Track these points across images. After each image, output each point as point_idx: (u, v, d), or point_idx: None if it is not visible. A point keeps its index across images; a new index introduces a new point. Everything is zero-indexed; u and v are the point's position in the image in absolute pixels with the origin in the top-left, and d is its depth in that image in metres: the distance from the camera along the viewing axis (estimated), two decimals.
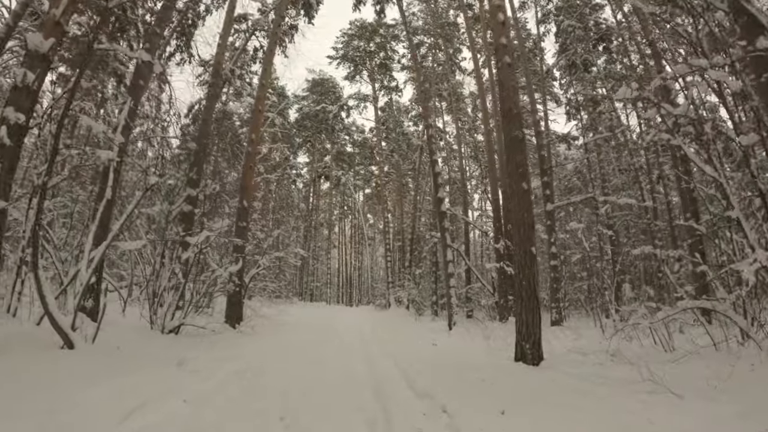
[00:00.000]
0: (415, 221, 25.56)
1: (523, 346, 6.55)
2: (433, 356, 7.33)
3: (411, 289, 21.54)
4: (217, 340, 8.49)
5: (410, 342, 9.92)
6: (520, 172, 7.09)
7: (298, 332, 11.26)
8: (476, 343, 9.74)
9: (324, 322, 15.57)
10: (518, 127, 7.41)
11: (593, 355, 7.23)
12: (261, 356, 7.10)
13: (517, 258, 6.75)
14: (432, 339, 10.60)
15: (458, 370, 6.03)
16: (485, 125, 17.61)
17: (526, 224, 6.83)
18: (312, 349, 8.37)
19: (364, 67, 28.26)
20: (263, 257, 12.28)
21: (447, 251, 13.85)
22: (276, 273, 24.80)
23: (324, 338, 10.35)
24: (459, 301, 13.85)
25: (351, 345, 9.26)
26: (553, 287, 14.29)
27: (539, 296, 6.81)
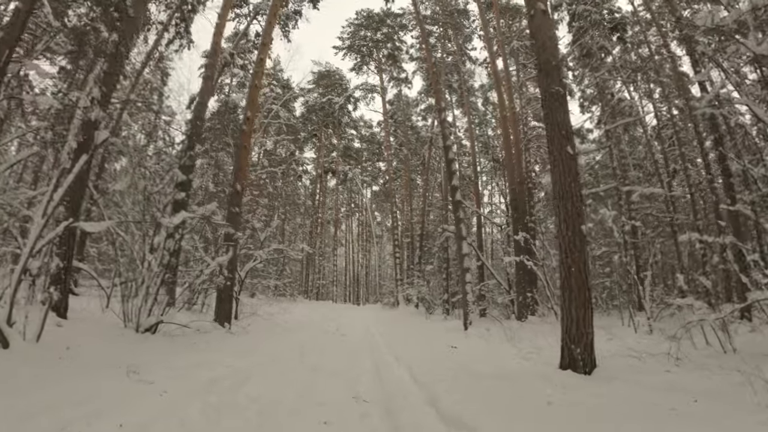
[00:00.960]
0: (425, 217, 24.11)
1: (572, 350, 5.10)
2: (455, 363, 5.89)
3: (421, 287, 20.08)
4: (199, 340, 7.11)
5: (424, 344, 8.49)
6: (563, 134, 5.64)
7: (297, 333, 9.87)
8: (500, 345, 8.28)
9: (328, 321, 14.16)
10: (557, 81, 5.98)
11: (651, 359, 5.82)
12: (246, 362, 5.72)
13: (563, 239, 5.30)
14: (448, 340, 9.16)
15: (491, 381, 4.60)
16: (501, 111, 16.16)
17: (573, 196, 5.39)
18: (311, 353, 6.97)
19: (371, 58, 26.86)
20: (261, 250, 10.89)
21: (462, 244, 12.39)
22: (279, 270, 23.47)
23: (326, 340, 8.95)
24: (474, 299, 12.43)
25: (357, 348, 7.85)
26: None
27: (591, 287, 5.35)
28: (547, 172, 25.15)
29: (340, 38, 27.03)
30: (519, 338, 8.76)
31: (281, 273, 23.35)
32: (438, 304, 20.20)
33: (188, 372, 4.74)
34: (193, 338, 7.27)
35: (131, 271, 7.61)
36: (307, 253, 29.17)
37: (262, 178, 30.61)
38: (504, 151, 15.75)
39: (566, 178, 5.45)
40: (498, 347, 8.02)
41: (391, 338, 9.51)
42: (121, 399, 3.62)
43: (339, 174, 31.56)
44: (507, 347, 8.02)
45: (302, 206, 33.31)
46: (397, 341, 8.85)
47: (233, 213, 9.19)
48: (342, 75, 29.58)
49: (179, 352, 5.94)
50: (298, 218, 33.74)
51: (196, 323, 8.06)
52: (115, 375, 4.31)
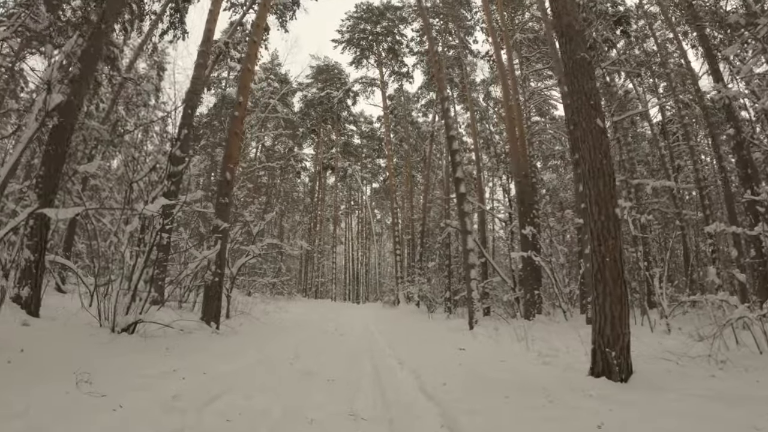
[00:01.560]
0: (426, 213, 23.34)
1: (606, 354, 4.32)
2: (467, 368, 5.11)
3: (422, 285, 19.29)
4: (180, 342, 6.32)
5: (429, 345, 7.71)
6: (591, 105, 4.87)
7: (292, 333, 9.08)
8: (512, 347, 7.51)
9: (326, 320, 13.38)
10: (582, 47, 5.21)
11: (689, 362, 5.10)
12: (229, 368, 4.94)
13: (594, 224, 4.53)
14: (454, 341, 8.39)
15: (515, 393, 3.82)
16: (506, 102, 15.37)
17: (605, 175, 4.61)
18: (305, 356, 6.19)
19: (371, 51, 26.04)
20: (254, 245, 10.10)
21: (468, 239, 11.61)
22: (277, 268, 22.70)
23: (323, 340, 8.16)
24: (479, 297, 11.66)
25: (356, 350, 7.07)
26: (587, 279, 11.97)
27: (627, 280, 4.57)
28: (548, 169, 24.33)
29: (339, 31, 26.26)
30: (531, 339, 7.98)
31: (279, 271, 22.57)
32: (439, 302, 19.43)
33: (155, 382, 3.96)
34: (175, 339, 6.48)
35: (108, 264, 6.85)
36: (305, 250, 28.44)
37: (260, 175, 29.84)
38: (509, 143, 14.97)
39: (596, 154, 4.67)
40: (510, 349, 7.25)
41: (392, 338, 8.73)
42: (57, 416, 2.85)
43: (338, 170, 30.75)
44: (519, 349, 7.25)
45: (301, 203, 32.52)
46: (400, 342, 8.07)
47: (222, 204, 8.40)
48: (341, 69, 28.80)
49: (153, 356, 5.16)
50: (297, 215, 32.96)
51: (180, 322, 7.27)
52: (64, 385, 3.52)
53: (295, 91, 28.89)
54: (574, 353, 6.81)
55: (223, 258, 8.18)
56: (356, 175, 31.60)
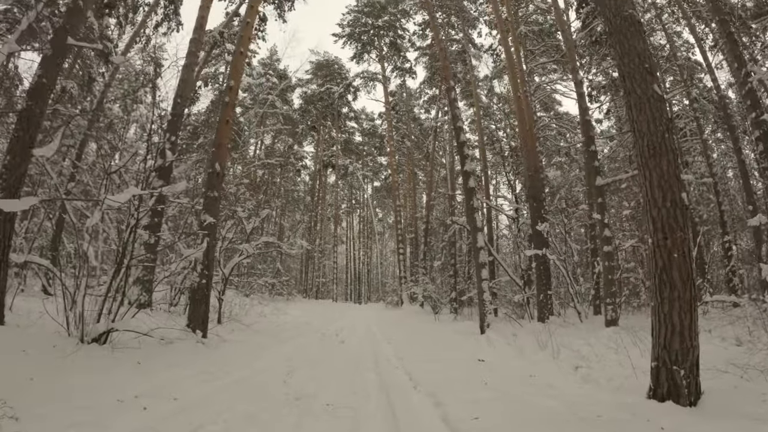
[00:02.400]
0: (430, 211, 22.42)
1: (674, 373, 3.42)
2: (498, 390, 4.18)
3: (426, 285, 18.37)
4: (156, 355, 5.42)
5: (442, 354, 6.79)
6: (646, 68, 3.97)
7: (289, 339, 8.17)
8: (535, 356, 6.60)
9: (326, 323, 12.47)
10: (629, 2, 4.28)
11: (758, 376, 4.22)
12: (205, 390, 4.04)
13: (657, 212, 3.62)
14: (469, 349, 7.49)
15: (570, 430, 2.89)
16: (515, 92, 14.44)
17: (669, 151, 3.71)
18: (300, 371, 5.29)
19: (372, 46, 25.10)
20: (248, 243, 9.18)
21: (477, 236, 10.69)
22: (275, 269, 21.78)
23: (322, 349, 7.25)
24: (490, 298, 10.74)
25: (359, 361, 6.15)
26: (607, 278, 11.05)
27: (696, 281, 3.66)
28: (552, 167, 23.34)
29: (340, 25, 25.31)
30: (555, 346, 7.08)
31: (277, 271, 21.66)
32: (444, 303, 18.52)
33: (104, 415, 3.06)
34: (151, 351, 5.57)
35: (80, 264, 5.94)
36: (305, 249, 27.52)
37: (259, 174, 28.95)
38: (519, 135, 14.05)
39: (657, 126, 3.75)
40: (535, 359, 6.34)
41: (400, 345, 7.82)
42: None
43: (339, 168, 29.80)
44: (545, 359, 6.34)
45: (301, 202, 31.60)
46: (408, 349, 7.16)
47: (211, 198, 7.51)
48: (342, 65, 27.85)
49: (117, 375, 4.26)
50: (297, 215, 32.04)
51: (160, 331, 6.37)
52: None
53: (294, 88, 27.96)
54: (608, 364, 5.91)
55: (211, 257, 7.28)
56: (357, 172, 30.65)
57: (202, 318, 7.09)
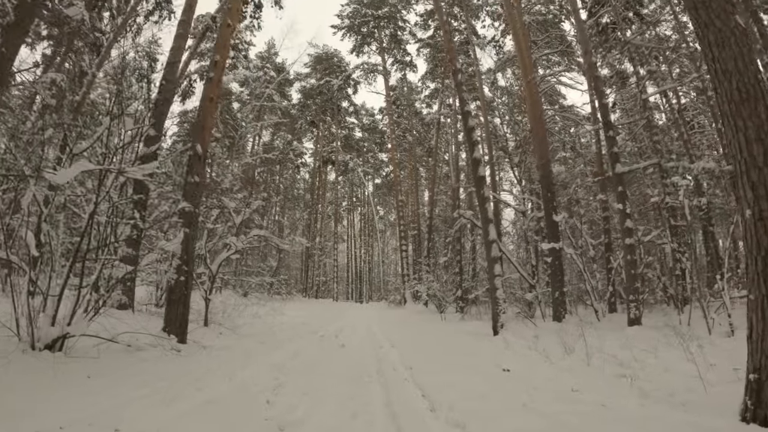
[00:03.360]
0: (433, 206, 21.44)
1: None
2: (544, 414, 3.21)
3: (431, 283, 17.38)
4: (115, 366, 4.45)
5: (458, 361, 5.81)
6: None
7: (282, 344, 7.19)
8: (569, 363, 5.63)
9: (325, 324, 11.49)
10: None
11: None
12: (161, 417, 3.06)
13: (758, 173, 2.63)
14: (487, 354, 6.51)
15: None
16: (525, 77, 13.49)
17: (765, 95, 2.70)
18: (289, 386, 4.33)
19: (372, 38, 24.12)
20: (236, 236, 8.19)
21: (489, 228, 9.72)
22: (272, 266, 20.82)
23: (318, 355, 6.27)
24: (504, 296, 9.74)
25: (361, 371, 5.17)
26: (629, 273, 10.07)
27: None
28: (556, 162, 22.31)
29: (339, 16, 24.31)
30: (584, 349, 6.11)
31: (275, 270, 20.70)
32: (449, 301, 17.54)
33: None
34: (112, 361, 4.61)
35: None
36: (305, 247, 26.53)
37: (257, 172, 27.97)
38: (530, 122, 13.07)
39: (747, 63, 2.78)
40: (565, 366, 5.36)
41: (406, 349, 6.83)
42: None
43: (339, 165, 28.80)
44: (579, 366, 5.37)
45: (301, 200, 30.64)
46: (418, 356, 6.17)
47: (191, 183, 6.54)
48: (341, 58, 26.86)
49: (54, 394, 3.30)
50: (297, 212, 31.09)
51: (130, 336, 5.41)
52: None
53: (293, 82, 26.99)
54: (653, 371, 4.98)
55: (190, 250, 6.31)
56: (358, 168, 29.65)
57: (179, 320, 6.12)
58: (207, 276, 8.30)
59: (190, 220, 6.46)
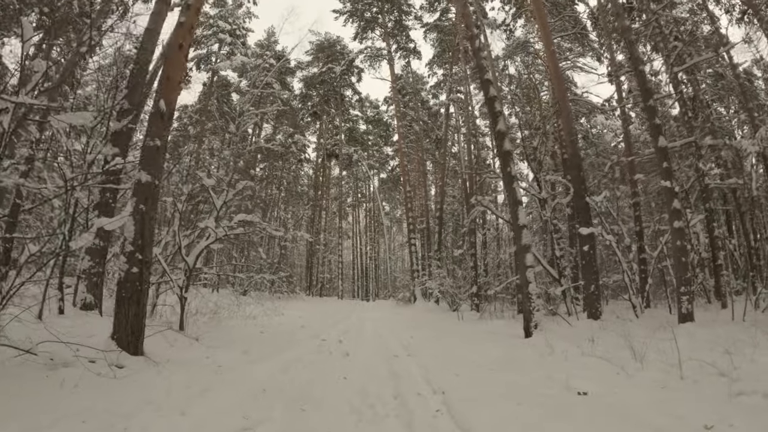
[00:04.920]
0: (444, 197, 19.82)
1: None
2: None
3: (443, 279, 15.75)
4: (19, 393, 2.85)
5: (502, 378, 4.21)
6: None
7: (272, 353, 5.60)
8: (643, 374, 4.04)
9: (328, 326, 9.89)
10: None
11: None
12: None
13: None
14: (531, 364, 4.91)
15: None
16: (548, 48, 11.83)
17: None
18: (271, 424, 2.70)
19: (376, 23, 22.50)
20: (216, 222, 6.58)
21: (519, 211, 8.10)
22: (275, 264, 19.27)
23: (315, 371, 4.68)
24: (538, 291, 8.03)
25: (373, 399, 3.60)
26: (680, 261, 8.40)
27: None
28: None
29: (341, 0, 22.64)
30: (662, 356, 4.52)
31: (278, 267, 19.14)
32: (463, 298, 15.90)
33: None
34: (15, 383, 3.04)
35: None
36: (308, 243, 24.97)
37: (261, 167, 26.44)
38: (554, 96, 11.41)
39: None
40: (656, 381, 3.77)
41: (429, 360, 5.22)
42: None
43: (343, 158, 27.17)
44: (673, 380, 3.76)
45: (305, 196, 29.08)
46: (446, 370, 4.56)
47: (150, 148, 4.99)
48: (344, 45, 25.22)
49: None
50: (301, 210, 29.58)
51: (58, 346, 3.84)
52: None
53: (294, 71, 25.40)
54: None
55: (147, 234, 4.74)
56: (362, 161, 28.00)
57: (131, 326, 4.55)
58: (183, 270, 6.74)
59: (148, 195, 4.89)
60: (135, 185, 4.92)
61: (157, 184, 5.10)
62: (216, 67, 19.98)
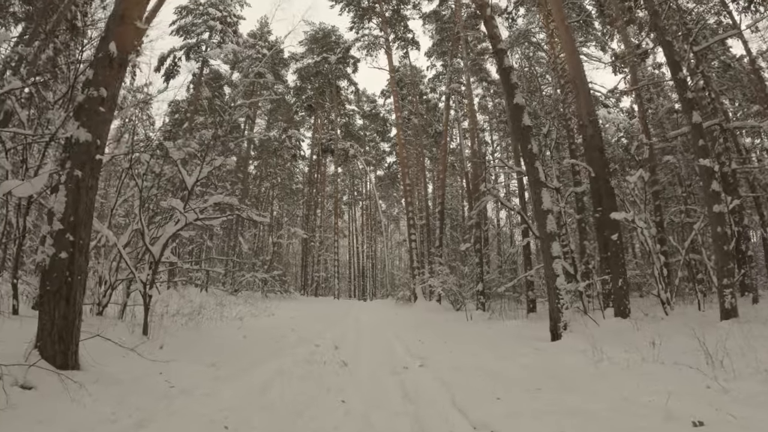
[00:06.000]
0: (444, 190, 18.64)
1: None
2: None
3: (447, 276, 14.55)
4: None
5: (568, 407, 3.01)
6: None
7: (242, 372, 4.32)
8: (747, 384, 2.81)
9: (322, 329, 8.63)
10: None
11: None
12: None
13: None
14: (582, 378, 3.72)
15: None
16: (558, 13, 10.67)
17: None
18: None
19: (373, 12, 21.31)
20: (186, 203, 5.32)
21: (543, 193, 6.91)
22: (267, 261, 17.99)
23: (301, 395, 3.41)
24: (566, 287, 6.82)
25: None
26: (721, 250, 7.25)
27: None
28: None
29: None
30: (744, 363, 3.34)
31: (270, 265, 17.86)
32: (467, 297, 14.70)
33: None
34: None
35: None
36: (302, 240, 23.70)
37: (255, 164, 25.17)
38: (571, 73, 10.21)
39: None
40: None
41: (449, 374, 4.00)
42: None
43: (339, 153, 25.90)
44: None
45: (300, 194, 27.80)
46: (479, 391, 3.34)
47: (92, 99, 3.80)
48: (339, 35, 23.95)
49: None
50: (297, 209, 28.33)
51: None
52: None
53: (287, 62, 24.12)
54: None
55: (82, 209, 3.52)
56: (359, 156, 26.74)
57: (59, 331, 3.32)
58: (148, 263, 5.49)
59: (87, 159, 3.66)
60: (67, 145, 3.70)
61: (100, 145, 3.87)
62: (206, 55, 18.69)
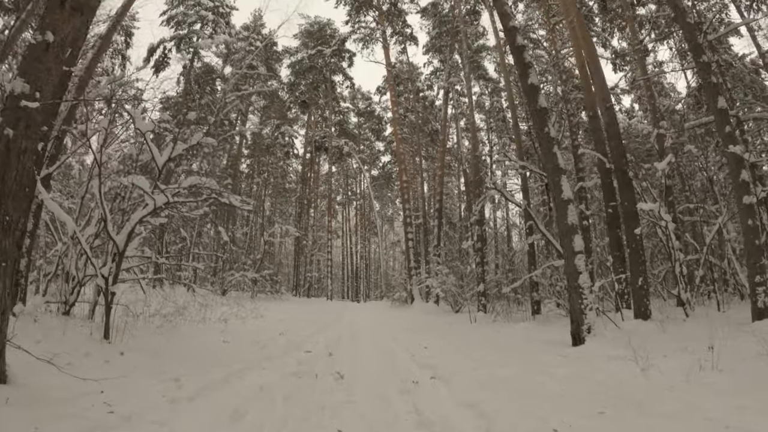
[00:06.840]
0: (443, 187, 17.85)
1: None
2: None
3: (446, 276, 13.72)
4: None
5: None
6: None
7: (212, 389, 3.41)
8: None
9: (314, 333, 7.76)
10: None
11: None
12: None
13: None
14: (640, 395, 2.88)
15: None
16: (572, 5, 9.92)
17: None
18: None
19: (370, 5, 20.53)
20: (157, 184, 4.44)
21: (562, 181, 6.11)
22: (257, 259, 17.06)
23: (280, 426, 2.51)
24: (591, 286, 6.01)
25: None
26: (753, 245, 6.51)
27: None
28: None
29: None
30: None
31: (260, 264, 16.93)
32: (467, 298, 13.89)
33: None
34: None
35: None
36: (295, 239, 22.81)
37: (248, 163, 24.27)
38: (586, 59, 9.43)
39: None
40: None
41: (473, 389, 3.17)
42: None
43: (333, 152, 25.01)
44: None
45: (293, 193, 26.88)
46: (517, 411, 2.50)
47: (37, 45, 2.93)
48: (335, 29, 23.12)
49: None
50: (290, 208, 27.42)
51: None
52: None
53: (281, 56, 23.23)
54: None
55: (13, 177, 2.64)
56: (354, 154, 25.87)
57: None
58: (110, 254, 4.60)
59: (22, 115, 2.80)
60: (3, 107, 2.82)
61: (38, 98, 2.99)
62: (197, 45, 17.76)
